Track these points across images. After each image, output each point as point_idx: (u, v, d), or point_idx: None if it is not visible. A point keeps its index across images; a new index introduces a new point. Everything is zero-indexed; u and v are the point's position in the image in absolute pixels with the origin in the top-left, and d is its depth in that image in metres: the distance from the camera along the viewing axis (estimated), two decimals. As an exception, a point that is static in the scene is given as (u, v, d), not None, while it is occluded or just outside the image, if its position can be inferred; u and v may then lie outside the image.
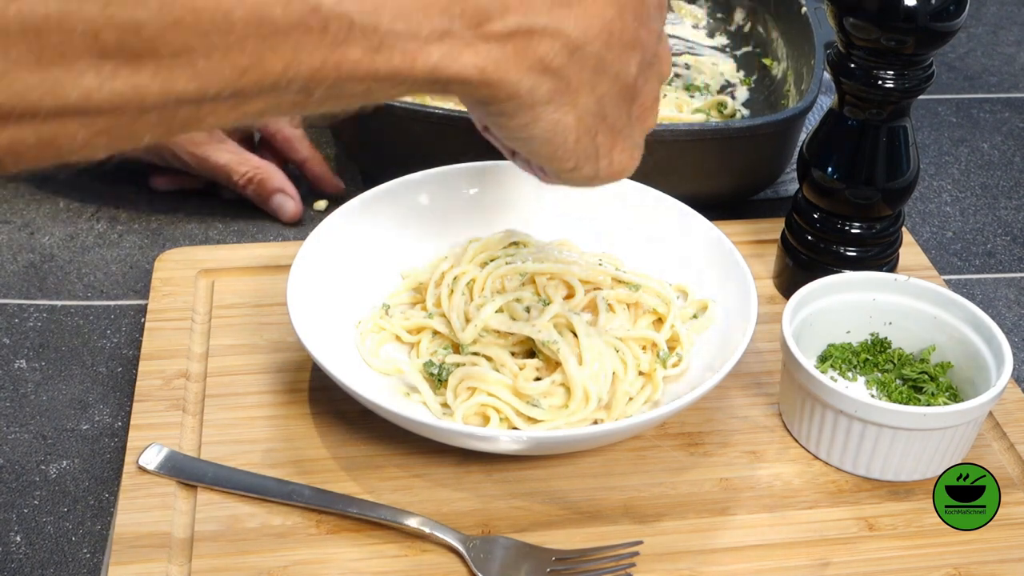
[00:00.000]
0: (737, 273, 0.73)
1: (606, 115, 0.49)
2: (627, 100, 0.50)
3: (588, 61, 0.46)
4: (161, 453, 0.66)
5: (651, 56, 0.50)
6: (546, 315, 0.69)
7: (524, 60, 0.44)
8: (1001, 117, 1.09)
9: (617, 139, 0.51)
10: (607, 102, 0.49)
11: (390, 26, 0.39)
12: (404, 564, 0.61)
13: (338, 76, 0.40)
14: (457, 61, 0.42)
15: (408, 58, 0.41)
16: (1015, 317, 0.84)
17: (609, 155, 0.51)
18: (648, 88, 0.51)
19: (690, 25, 1.15)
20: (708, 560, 0.62)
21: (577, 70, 0.46)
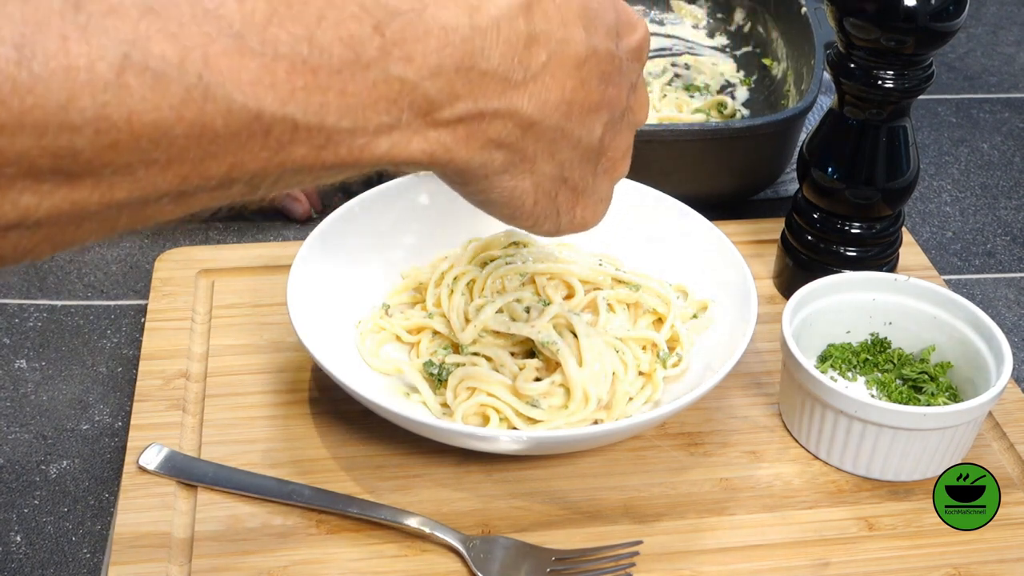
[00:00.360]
0: (737, 273, 0.73)
1: (567, 177, 0.48)
2: (591, 160, 0.49)
3: (545, 134, 0.45)
4: (161, 453, 0.66)
5: (620, 112, 0.49)
6: (546, 316, 0.69)
7: (475, 141, 0.43)
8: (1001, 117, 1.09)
9: (580, 197, 0.50)
10: (568, 165, 0.48)
11: (336, 124, 0.38)
12: (404, 564, 0.61)
13: (283, 171, 0.39)
14: (406, 149, 0.41)
15: (355, 151, 0.40)
16: (1015, 317, 0.84)
17: (571, 212, 0.50)
18: (617, 142, 0.50)
19: (690, 25, 1.15)
20: (708, 560, 0.62)
21: (533, 142, 0.45)
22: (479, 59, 0.41)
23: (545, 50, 0.43)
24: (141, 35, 0.33)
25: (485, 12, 0.41)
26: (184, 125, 0.35)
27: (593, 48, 0.45)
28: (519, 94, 0.43)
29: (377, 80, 0.39)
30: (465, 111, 0.42)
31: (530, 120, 0.44)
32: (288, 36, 0.36)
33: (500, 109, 0.43)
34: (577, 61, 0.44)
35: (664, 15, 1.17)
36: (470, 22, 0.40)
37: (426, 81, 0.40)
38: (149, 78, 0.33)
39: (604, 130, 0.48)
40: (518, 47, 0.42)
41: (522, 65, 0.42)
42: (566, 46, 0.44)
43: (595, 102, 0.46)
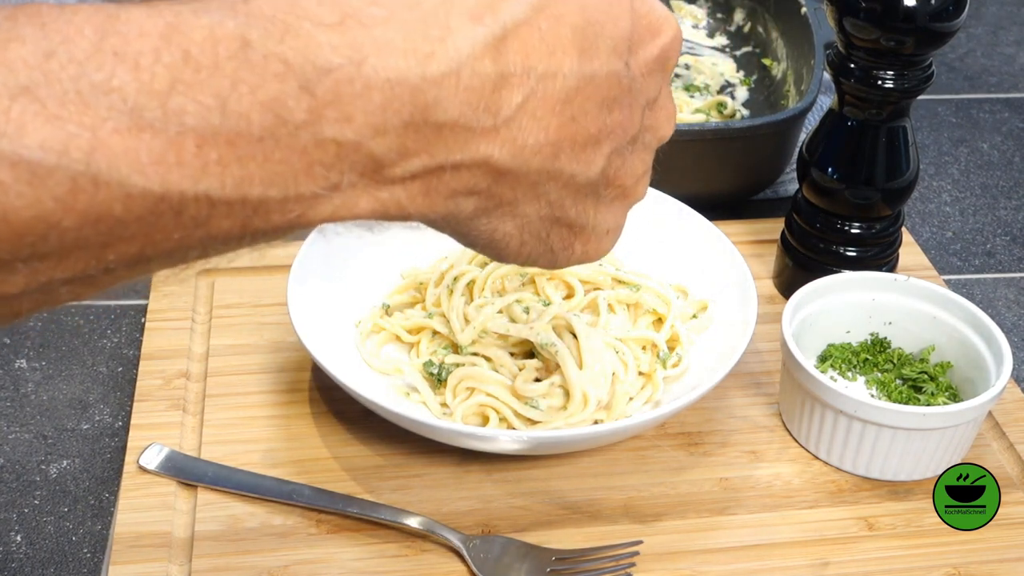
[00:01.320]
0: (737, 273, 0.73)
1: (559, 216, 0.43)
2: (590, 195, 0.43)
3: (525, 178, 0.40)
4: (161, 453, 0.66)
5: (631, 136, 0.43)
6: (545, 316, 0.69)
7: (436, 195, 0.38)
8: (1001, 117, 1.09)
9: (579, 234, 0.44)
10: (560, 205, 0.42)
11: (263, 195, 0.34)
12: (404, 564, 0.61)
13: (208, 244, 0.35)
14: (354, 209, 0.37)
15: (291, 218, 0.36)
16: (1015, 317, 0.84)
17: (569, 249, 0.45)
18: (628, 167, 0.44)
19: (690, 25, 1.15)
20: (708, 560, 0.62)
21: (510, 188, 0.40)
22: (433, 111, 0.36)
23: (521, 90, 0.38)
24: (13, 122, 0.30)
25: (441, 59, 0.36)
26: (75, 216, 0.31)
27: (589, 76, 0.39)
28: (487, 142, 0.38)
29: (309, 145, 0.34)
30: (420, 167, 0.37)
31: (504, 168, 0.39)
32: (196, 106, 0.32)
33: (464, 161, 0.38)
34: (565, 95, 0.39)
35: (664, 15, 1.17)
36: (421, 72, 0.35)
37: (370, 141, 0.35)
38: (24, 171, 0.30)
39: (607, 161, 0.42)
40: (484, 92, 0.37)
41: (490, 111, 0.37)
42: (550, 82, 0.38)
43: (592, 134, 0.40)
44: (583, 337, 0.67)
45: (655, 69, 0.43)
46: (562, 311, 0.69)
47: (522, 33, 0.37)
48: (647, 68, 0.42)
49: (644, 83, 0.42)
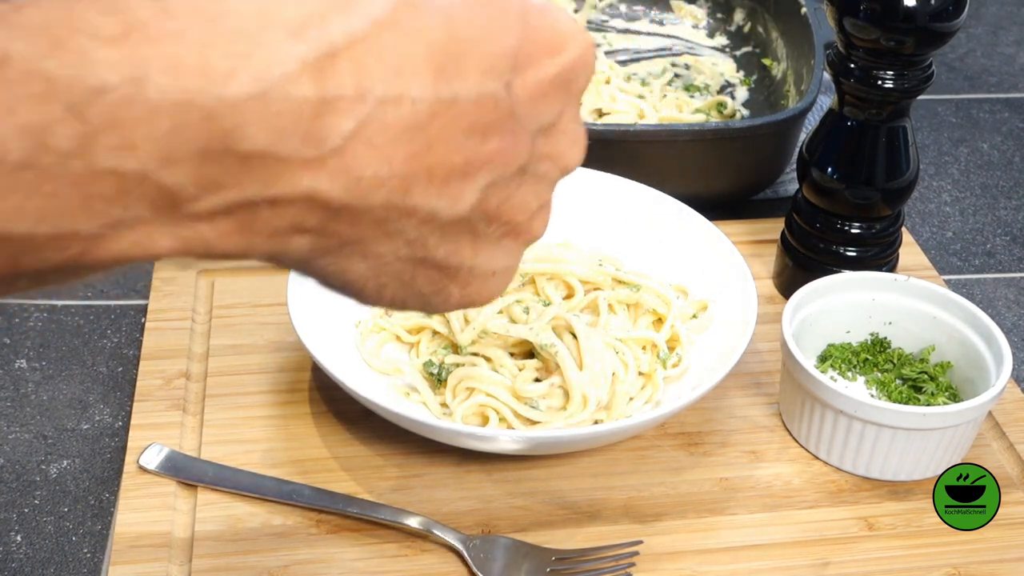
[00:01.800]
0: (737, 273, 0.73)
1: (423, 257, 0.37)
2: (464, 233, 0.37)
3: (367, 215, 0.34)
4: (161, 453, 0.66)
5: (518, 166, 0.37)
6: (545, 317, 0.69)
7: (254, 233, 0.33)
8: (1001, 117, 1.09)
9: (455, 276, 0.38)
10: (421, 245, 0.36)
11: (32, 231, 0.30)
12: (404, 564, 0.61)
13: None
14: (152, 248, 0.32)
15: (70, 254, 0.31)
16: (1015, 317, 0.84)
17: (444, 293, 0.39)
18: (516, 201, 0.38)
19: (690, 25, 1.15)
20: (708, 560, 0.62)
21: (349, 225, 0.34)
22: (235, 139, 0.31)
23: (351, 116, 0.32)
24: None
25: (243, 79, 0.31)
26: None
27: (449, 99, 0.34)
28: (311, 175, 0.32)
29: (83, 176, 0.30)
30: (227, 202, 0.32)
31: (338, 203, 0.33)
32: None
33: (282, 195, 0.32)
34: (414, 122, 0.33)
35: (664, 15, 1.17)
36: (217, 94, 0.30)
37: (159, 172, 0.30)
38: None
39: (483, 195, 0.36)
40: (302, 118, 0.31)
41: (312, 140, 0.32)
42: (393, 106, 0.33)
43: (458, 165, 0.35)
44: (583, 337, 0.67)
45: (551, 91, 0.36)
46: (562, 311, 0.69)
47: (357, 51, 0.32)
48: (538, 90, 0.36)
49: (534, 107, 0.36)
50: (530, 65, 0.36)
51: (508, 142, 0.35)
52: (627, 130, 0.84)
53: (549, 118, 0.37)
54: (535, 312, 0.70)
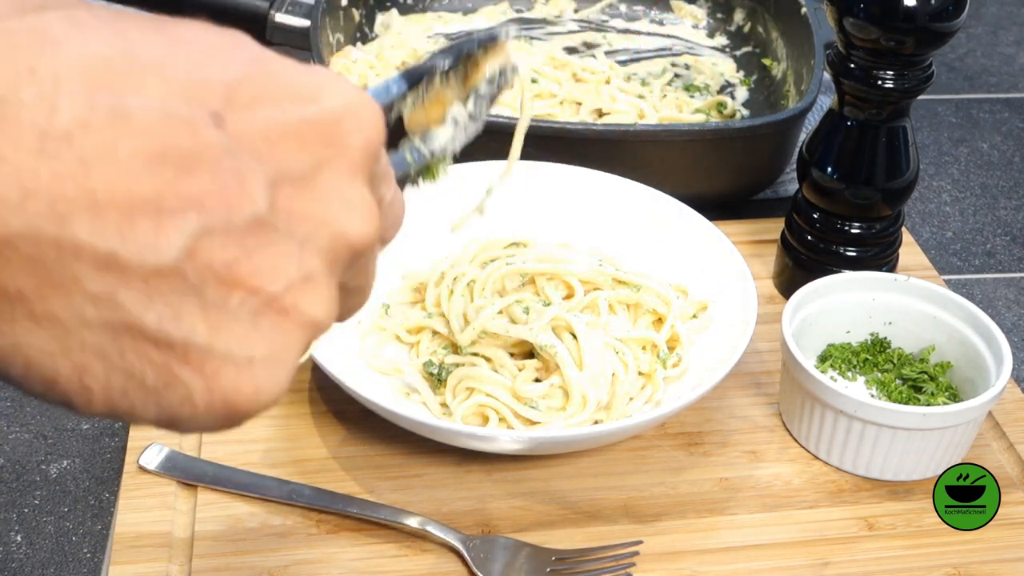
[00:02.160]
0: (737, 273, 0.73)
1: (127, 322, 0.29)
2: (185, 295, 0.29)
3: (11, 249, 0.27)
4: (161, 453, 0.66)
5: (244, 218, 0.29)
6: (545, 317, 0.69)
7: None
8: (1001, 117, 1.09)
9: (185, 358, 0.29)
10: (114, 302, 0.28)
11: None
12: (404, 564, 0.61)
13: None
14: None
15: None
16: (1015, 317, 0.84)
17: (180, 384, 0.30)
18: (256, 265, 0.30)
19: (690, 25, 1.15)
20: (708, 560, 0.62)
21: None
22: None
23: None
24: None
25: None
26: None
27: (111, 112, 0.27)
28: None
29: None
30: None
31: None
32: None
33: None
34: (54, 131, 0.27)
35: (664, 15, 1.17)
36: None
37: None
38: None
39: (197, 245, 0.29)
40: None
41: None
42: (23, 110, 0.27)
43: (147, 198, 0.28)
44: (583, 338, 0.67)
45: (295, 138, 0.31)
46: (562, 311, 0.69)
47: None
48: (271, 132, 0.30)
49: (268, 151, 0.30)
50: (258, 104, 0.30)
51: (221, 183, 0.29)
52: (627, 130, 0.84)
53: (296, 169, 0.31)
54: (535, 312, 0.70)
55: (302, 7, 0.98)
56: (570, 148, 0.82)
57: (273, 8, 0.97)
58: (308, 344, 0.32)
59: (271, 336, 0.31)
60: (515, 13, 1.15)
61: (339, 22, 1.02)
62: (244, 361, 0.30)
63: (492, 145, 0.85)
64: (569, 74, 0.99)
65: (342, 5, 1.03)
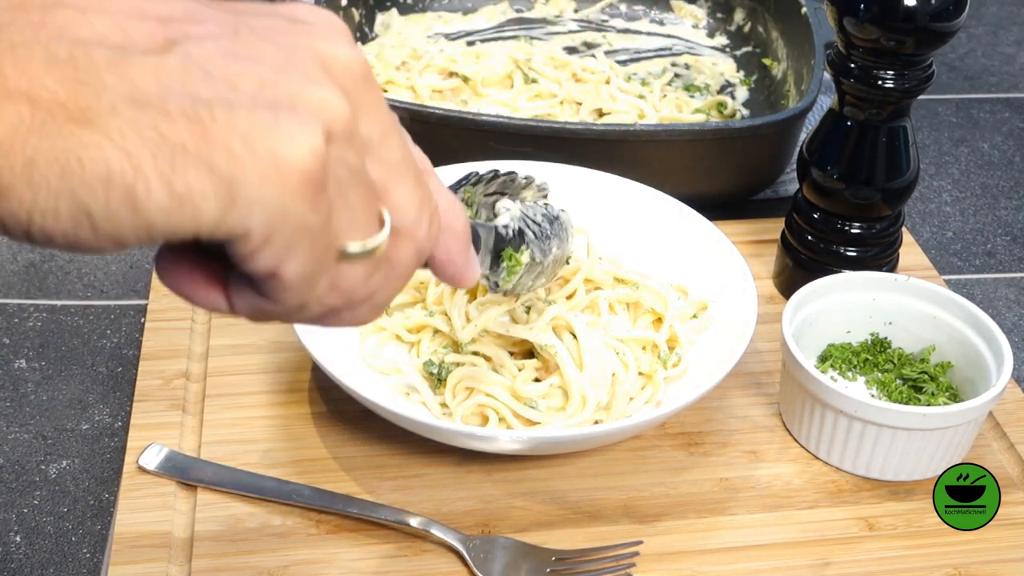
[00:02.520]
0: (737, 273, 0.73)
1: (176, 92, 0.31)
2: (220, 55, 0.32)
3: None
4: (161, 453, 0.66)
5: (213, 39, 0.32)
6: (545, 317, 0.69)
7: None
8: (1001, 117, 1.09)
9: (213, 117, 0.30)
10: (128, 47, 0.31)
11: None
12: (404, 564, 0.61)
13: None
14: None
15: None
16: (1015, 317, 0.84)
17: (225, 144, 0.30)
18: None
19: (690, 25, 1.15)
20: (708, 560, 0.62)
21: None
22: None
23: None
24: None
25: None
26: None
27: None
28: None
29: None
30: None
31: None
32: None
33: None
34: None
35: (664, 15, 1.17)
36: None
37: None
38: None
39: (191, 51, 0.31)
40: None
41: None
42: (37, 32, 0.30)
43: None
44: (583, 338, 0.67)
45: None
46: (562, 311, 0.69)
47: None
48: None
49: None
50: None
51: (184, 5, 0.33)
52: (627, 130, 0.84)
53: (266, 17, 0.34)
54: (536, 311, 0.70)
55: (302, 7, 0.98)
56: (570, 148, 0.82)
57: (273, 8, 0.97)
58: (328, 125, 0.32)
59: (290, 107, 0.31)
60: (515, 13, 1.15)
61: (339, 22, 1.02)
62: (270, 119, 0.31)
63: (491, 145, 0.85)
64: (569, 74, 0.99)
65: (342, 5, 1.03)
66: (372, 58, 0.99)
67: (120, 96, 0.29)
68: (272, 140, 0.30)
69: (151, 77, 0.30)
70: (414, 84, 0.96)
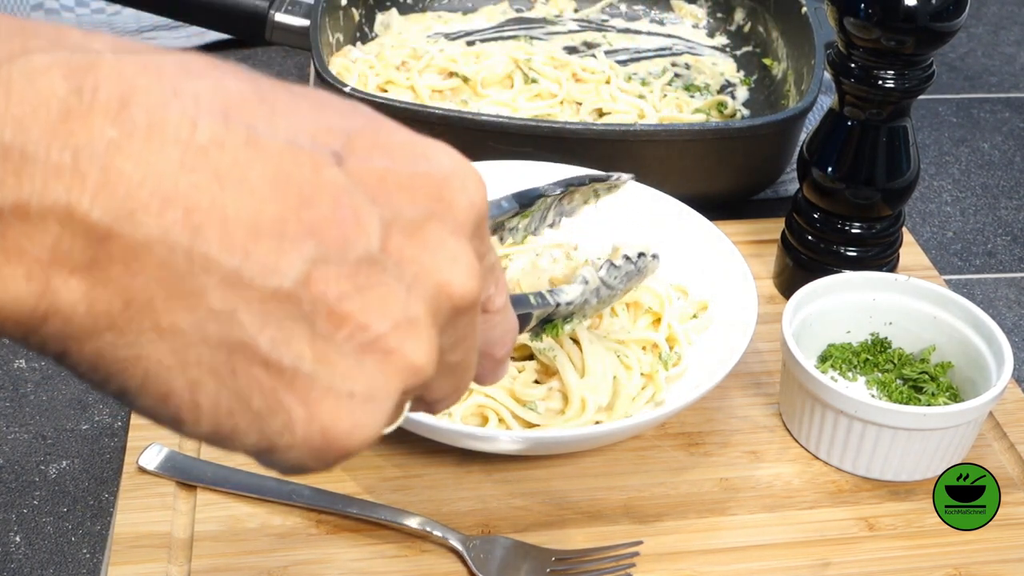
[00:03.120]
0: (737, 273, 0.72)
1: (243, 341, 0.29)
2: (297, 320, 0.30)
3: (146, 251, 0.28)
4: (161, 453, 0.66)
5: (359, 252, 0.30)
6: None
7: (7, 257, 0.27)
8: (1001, 117, 1.09)
9: (291, 383, 0.30)
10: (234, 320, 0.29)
11: None
12: (404, 564, 0.61)
13: None
14: None
15: None
16: (1015, 317, 0.84)
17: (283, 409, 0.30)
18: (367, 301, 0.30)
19: (690, 25, 1.15)
20: (708, 560, 0.62)
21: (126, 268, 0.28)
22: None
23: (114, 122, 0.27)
24: None
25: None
26: None
27: (244, 135, 0.29)
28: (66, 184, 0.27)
29: None
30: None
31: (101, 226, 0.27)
32: None
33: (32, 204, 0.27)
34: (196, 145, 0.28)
35: (664, 15, 1.17)
36: None
37: None
38: None
39: (312, 271, 0.29)
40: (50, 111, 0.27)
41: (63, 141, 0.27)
42: (169, 126, 0.28)
43: (270, 220, 0.29)
44: (585, 342, 0.67)
45: (408, 187, 0.32)
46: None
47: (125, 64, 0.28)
48: (387, 177, 0.31)
49: (383, 192, 0.31)
50: (375, 153, 0.31)
51: (339, 216, 0.30)
52: (627, 130, 0.84)
53: (407, 216, 0.31)
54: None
55: (302, 6, 0.98)
56: (570, 148, 0.82)
57: (273, 8, 0.97)
58: (404, 391, 0.32)
59: (372, 373, 0.31)
60: (515, 12, 1.15)
61: (339, 22, 1.02)
62: (345, 394, 0.30)
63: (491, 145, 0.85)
64: (569, 74, 0.99)
65: (342, 5, 1.03)
66: (372, 58, 0.99)
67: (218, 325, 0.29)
68: (333, 424, 0.31)
69: (258, 311, 0.29)
70: (414, 84, 0.96)
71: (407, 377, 0.31)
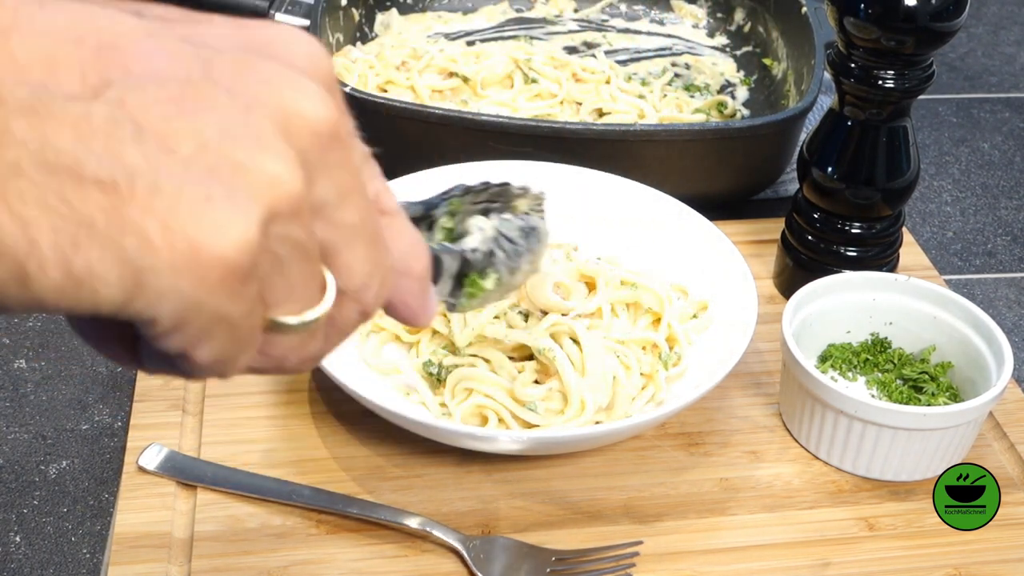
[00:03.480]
0: (737, 273, 0.72)
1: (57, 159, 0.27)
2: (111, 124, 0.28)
3: None
4: (161, 453, 0.66)
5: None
6: (545, 322, 0.69)
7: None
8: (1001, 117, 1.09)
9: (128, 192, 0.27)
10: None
11: None
12: (404, 564, 0.61)
13: None
14: None
15: None
16: (1015, 317, 0.84)
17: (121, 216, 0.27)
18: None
19: (690, 25, 1.15)
20: (708, 560, 0.62)
21: None
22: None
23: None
24: None
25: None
26: None
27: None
28: None
29: None
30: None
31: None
32: None
33: None
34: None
35: (664, 15, 1.17)
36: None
37: None
38: None
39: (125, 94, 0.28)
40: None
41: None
42: None
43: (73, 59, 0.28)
44: (585, 342, 0.67)
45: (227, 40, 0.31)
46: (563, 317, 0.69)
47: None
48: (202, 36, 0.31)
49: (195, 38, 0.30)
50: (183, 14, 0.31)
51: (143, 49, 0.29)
52: (627, 130, 0.84)
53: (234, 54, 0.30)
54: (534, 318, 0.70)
55: (302, 7, 0.98)
56: (570, 148, 0.82)
57: (273, 8, 0.97)
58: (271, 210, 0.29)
59: (228, 182, 0.28)
60: (515, 12, 1.15)
61: (339, 22, 1.02)
62: (201, 198, 0.28)
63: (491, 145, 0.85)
64: (569, 74, 0.99)
65: (342, 5, 1.03)
66: (372, 58, 0.99)
67: (28, 153, 0.26)
68: (195, 227, 0.27)
69: (69, 131, 0.27)
70: (414, 84, 0.96)
71: (268, 189, 0.29)
